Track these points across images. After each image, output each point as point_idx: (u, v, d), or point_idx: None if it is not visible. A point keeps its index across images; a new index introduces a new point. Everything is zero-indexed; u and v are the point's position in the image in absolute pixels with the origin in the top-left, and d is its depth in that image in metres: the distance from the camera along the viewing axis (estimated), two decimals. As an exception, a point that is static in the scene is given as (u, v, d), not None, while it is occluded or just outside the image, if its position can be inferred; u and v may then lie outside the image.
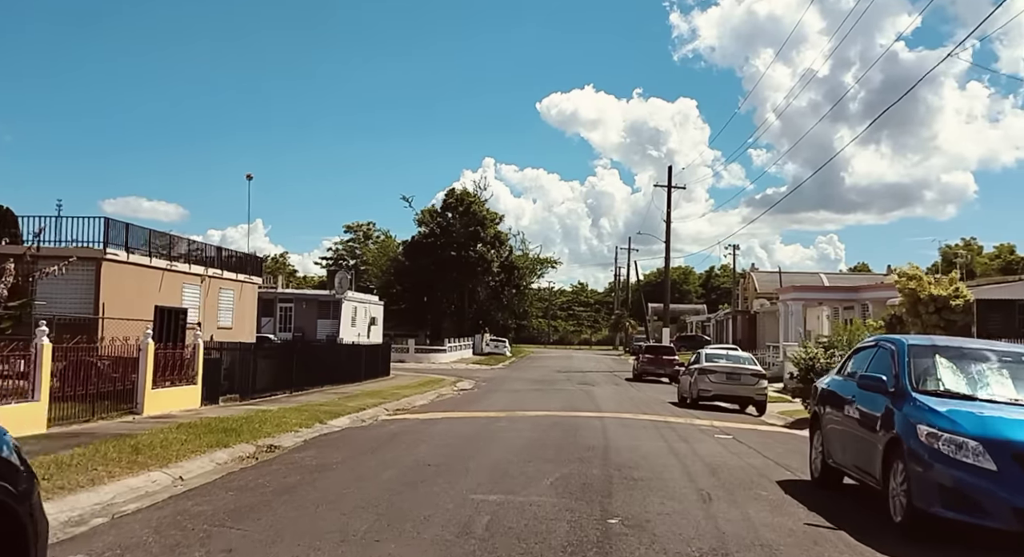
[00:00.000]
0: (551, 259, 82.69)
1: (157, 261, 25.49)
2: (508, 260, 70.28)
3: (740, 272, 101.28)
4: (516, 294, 72.59)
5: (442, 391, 27.23)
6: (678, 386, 25.30)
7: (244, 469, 9.67)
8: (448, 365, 46.95)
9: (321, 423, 14.65)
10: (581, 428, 14.46)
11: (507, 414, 17.50)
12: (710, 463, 10.54)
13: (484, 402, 22.29)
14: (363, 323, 55.46)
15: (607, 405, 21.69)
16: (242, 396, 18.80)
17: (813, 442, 9.13)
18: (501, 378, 37.98)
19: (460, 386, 30.92)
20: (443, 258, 64.98)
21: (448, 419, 16.55)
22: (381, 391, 24.19)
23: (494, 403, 21.82)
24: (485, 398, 24.27)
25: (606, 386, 33.56)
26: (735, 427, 16.59)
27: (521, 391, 28.11)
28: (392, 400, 21.34)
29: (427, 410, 19.16)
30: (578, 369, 47.55)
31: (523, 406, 20.37)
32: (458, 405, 21.14)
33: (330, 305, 51.11)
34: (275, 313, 51.08)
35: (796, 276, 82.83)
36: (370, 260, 77.06)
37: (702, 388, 21.68)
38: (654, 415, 18.39)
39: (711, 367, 21.82)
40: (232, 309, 31.05)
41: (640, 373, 37.91)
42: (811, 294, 37.82)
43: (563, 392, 28.01)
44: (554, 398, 24.43)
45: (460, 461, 10.10)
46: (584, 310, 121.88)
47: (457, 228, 66.92)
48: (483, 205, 70.24)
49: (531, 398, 24.31)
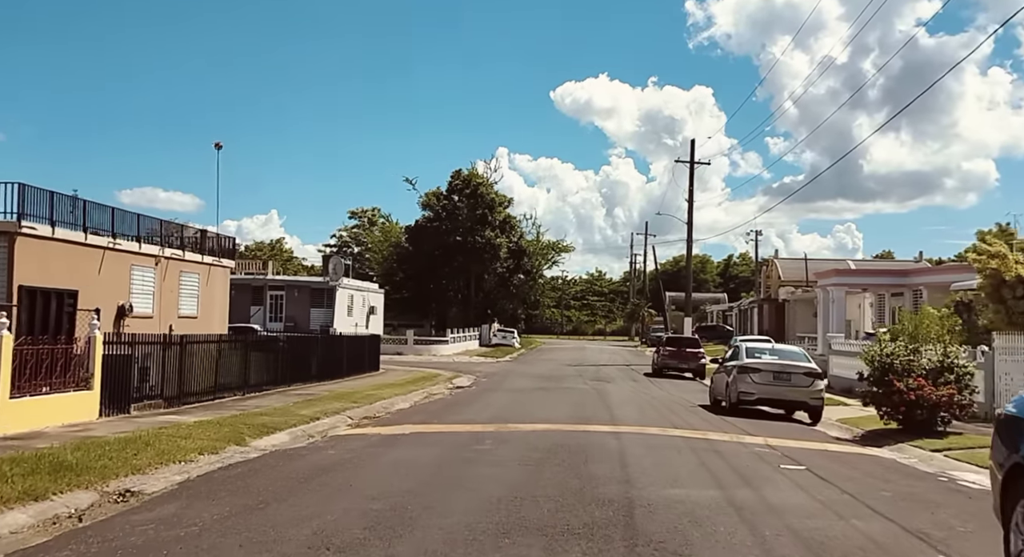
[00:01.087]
0: (563, 244, 78.59)
1: (96, 238, 21.63)
2: (518, 245, 66.20)
3: (762, 260, 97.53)
4: (526, 281, 68.51)
5: (432, 390, 23.35)
6: (710, 386, 21.27)
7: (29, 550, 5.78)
8: (449, 358, 43.11)
9: (239, 445, 10.77)
10: (592, 456, 10.46)
11: (496, 428, 13.55)
12: (803, 535, 6.49)
13: (475, 407, 18.36)
14: (361, 312, 51.67)
15: (626, 412, 17.70)
16: (169, 402, 14.97)
17: (1015, 523, 5.07)
18: (505, 373, 34.07)
19: (456, 383, 27.07)
20: (448, 243, 61.00)
21: (417, 436, 12.63)
22: (356, 392, 20.31)
23: (486, 408, 17.90)
24: (478, 401, 20.35)
25: (622, 383, 29.57)
26: (798, 448, 12.55)
27: (523, 391, 24.17)
28: (363, 404, 17.48)
29: (399, 420, 15.24)
30: (591, 362, 43.56)
31: (520, 414, 16.45)
32: (442, 412, 17.22)
33: (324, 293, 47.34)
34: (265, 301, 47.41)
35: (823, 263, 78.67)
36: (372, 246, 73.20)
37: (743, 390, 17.64)
38: (688, 429, 14.35)
39: (754, 364, 17.76)
40: (197, 296, 27.23)
41: (661, 367, 33.89)
42: (855, 279, 33.61)
43: (572, 392, 24.05)
44: (560, 401, 20.47)
45: (391, 533, 6.17)
46: (598, 300, 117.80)
47: (464, 211, 62.89)
48: (492, 188, 66.18)
49: (533, 401, 20.38)
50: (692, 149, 44.49)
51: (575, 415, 16.53)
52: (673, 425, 14.96)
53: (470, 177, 65.09)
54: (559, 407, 18.58)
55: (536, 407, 18.60)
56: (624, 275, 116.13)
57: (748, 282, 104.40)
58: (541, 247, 75.31)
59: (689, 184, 44.26)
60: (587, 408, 18.64)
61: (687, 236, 43.58)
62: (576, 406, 19.01)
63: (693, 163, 44.25)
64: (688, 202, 44.35)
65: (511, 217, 67.12)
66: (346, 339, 28.26)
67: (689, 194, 44.15)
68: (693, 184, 44.01)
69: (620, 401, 21.17)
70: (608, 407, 18.83)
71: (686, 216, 44.65)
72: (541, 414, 16.59)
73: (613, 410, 18.05)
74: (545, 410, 17.67)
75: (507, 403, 19.66)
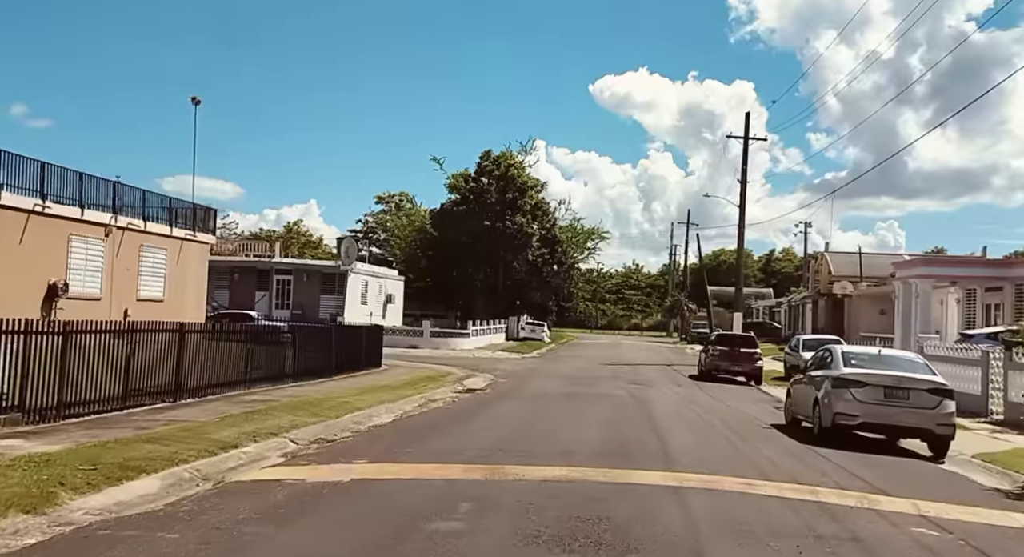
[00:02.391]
0: (600, 231, 73.62)
1: (15, 198, 17.46)
2: (551, 232, 61.46)
3: (810, 254, 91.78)
4: (559, 272, 63.73)
5: (433, 395, 18.87)
6: (787, 401, 16.46)
7: None
8: (469, 353, 38.64)
9: (38, 510, 6.33)
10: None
11: (486, 474, 8.92)
12: None
13: (473, 426, 13.80)
14: (376, 301, 47.47)
15: (680, 440, 12.99)
16: (36, 417, 10.63)
17: None
18: (527, 373, 29.50)
19: (467, 385, 22.61)
20: (476, 228, 56.38)
21: (353, 490, 8.10)
22: (327, 399, 15.88)
23: (487, 429, 13.34)
24: (482, 414, 15.79)
25: (665, 389, 24.85)
26: (975, 522, 7.76)
27: (545, 398, 19.59)
28: (326, 418, 13.05)
29: (354, 450, 10.71)
30: (627, 361, 38.79)
31: (530, 442, 11.87)
32: (426, 433, 12.68)
33: (335, 278, 43.16)
34: (271, 287, 43.42)
35: (879, 258, 72.97)
36: (395, 231, 68.95)
37: (842, 411, 12.85)
38: (784, 481, 9.47)
39: (858, 376, 12.95)
40: (164, 275, 23.06)
41: (709, 369, 29.07)
42: (945, 270, 28.39)
43: (605, 401, 19.41)
44: (590, 417, 15.84)
45: None
46: (634, 294, 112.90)
47: (493, 195, 58.28)
48: (524, 170, 61.43)
49: (554, 416, 15.80)
50: (747, 123, 39.44)
51: (609, 444, 11.90)
52: (756, 468, 10.22)
53: (500, 158, 60.45)
54: (587, 428, 13.95)
55: (557, 426, 14.03)
56: (662, 269, 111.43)
57: (791, 278, 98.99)
58: (576, 235, 70.51)
59: (743, 162, 39.26)
60: (625, 429, 14.01)
61: (739, 220, 38.61)
62: (610, 426, 14.39)
63: (747, 139, 39.21)
64: (741, 183, 39.35)
65: (544, 202, 62.41)
66: (336, 329, 23.90)
67: (742, 173, 39.17)
68: (747, 162, 39.03)
69: (668, 417, 16.47)
70: (655, 429, 14.12)
71: (731, 204, 39.63)
72: (561, 441, 11.99)
73: (662, 435, 13.36)
74: (567, 433, 13.07)
75: (519, 419, 15.10)
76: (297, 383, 19.20)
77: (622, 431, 13.63)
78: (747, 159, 38.88)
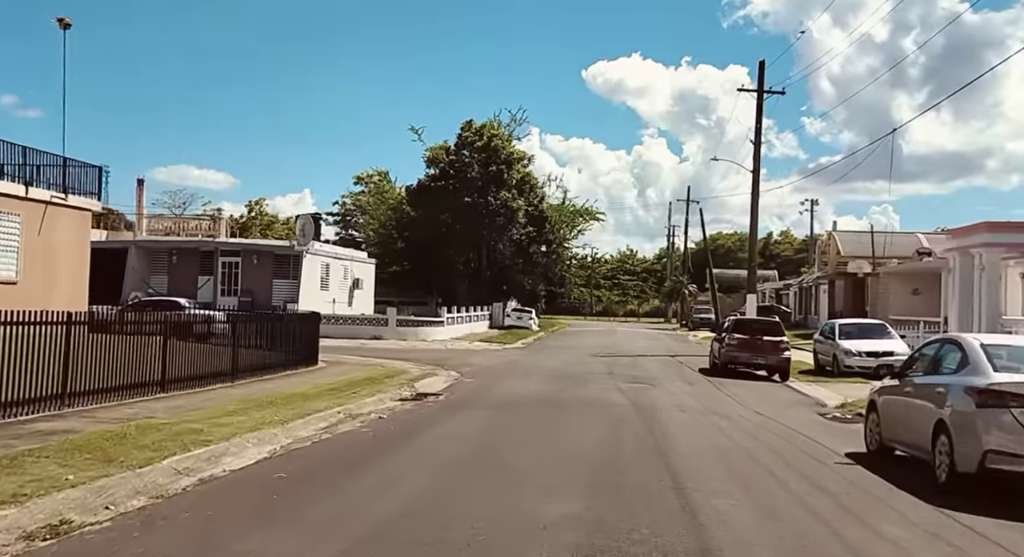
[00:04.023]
0: (593, 210, 68.13)
1: None
2: (539, 209, 55.91)
3: (815, 235, 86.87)
4: (549, 253, 58.22)
5: (359, 409, 13.55)
6: (869, 416, 11.03)
7: None
8: (442, 344, 33.26)
9: None
10: None
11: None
12: None
13: (374, 479, 8.37)
14: (340, 286, 41.96)
15: (728, 511, 7.48)
16: None
17: None
18: (505, 368, 24.17)
19: (419, 388, 17.40)
20: (456, 206, 50.75)
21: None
22: (169, 425, 10.45)
23: (394, 486, 7.93)
24: (405, 448, 10.26)
25: (674, 388, 19.57)
26: None
27: (515, 409, 14.24)
28: (121, 471, 7.65)
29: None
30: (625, 351, 33.44)
31: (457, 521, 6.38)
32: (275, 504, 7.27)
33: (289, 260, 37.67)
34: (216, 270, 37.85)
35: (889, 236, 67.77)
36: (368, 210, 63.32)
37: (999, 449, 7.50)
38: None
39: (1017, 387, 7.61)
40: (16, 250, 17.55)
41: (725, 362, 23.73)
42: (1017, 237, 22.75)
43: (596, 413, 14.05)
44: (571, 448, 10.42)
45: None
46: (630, 279, 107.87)
47: (475, 168, 52.68)
48: (509, 141, 55.80)
49: (515, 450, 10.33)
50: (760, 73, 33.89)
51: (605, 526, 6.43)
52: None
53: (483, 129, 54.79)
54: (565, 476, 8.51)
55: (516, 472, 8.61)
56: (659, 252, 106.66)
57: (791, 261, 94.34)
58: (567, 213, 65.01)
59: (756, 119, 33.75)
60: (628, 475, 8.61)
61: (752, 184, 33.10)
62: (604, 471, 8.96)
63: (761, 91, 33.70)
64: (755, 144, 33.84)
65: (530, 177, 56.79)
66: (249, 318, 18.37)
67: (756, 131, 33.64)
68: (762, 119, 33.54)
69: (689, 444, 11.07)
70: (675, 477, 8.60)
71: (743, 170, 34.21)
72: (514, 518, 6.59)
73: (685, 487, 7.95)
74: (529, 492, 7.63)
75: (460, 457, 9.69)
76: (169, 393, 13.79)
77: (622, 483, 8.24)
78: (761, 114, 33.45)
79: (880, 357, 22.53)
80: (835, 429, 14.00)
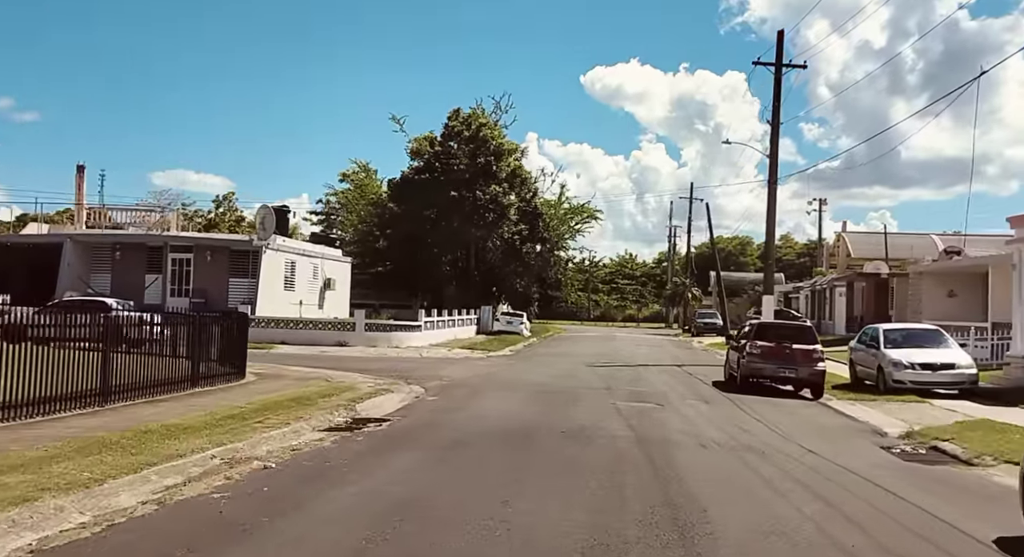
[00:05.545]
0: (591, 209, 63.99)
1: None
2: (531, 205, 51.80)
3: (816, 239, 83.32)
4: (543, 252, 54.06)
5: (254, 450, 9.63)
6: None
7: None
8: (417, 352, 29.11)
9: None
10: None
11: None
12: None
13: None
14: (309, 286, 37.85)
15: None
16: None
17: None
18: (482, 382, 20.08)
19: (361, 412, 13.65)
20: (442, 201, 46.65)
21: None
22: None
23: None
24: (255, 542, 6.12)
25: (687, 409, 15.53)
26: None
27: (472, 449, 10.22)
28: None
29: None
30: (624, 360, 29.30)
31: None
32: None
33: (248, 257, 33.56)
34: (165, 268, 33.72)
35: (901, 238, 63.95)
36: (347, 205, 59.02)
37: None
38: None
39: None
40: None
41: (747, 374, 19.60)
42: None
43: (585, 456, 9.97)
44: (533, 537, 6.26)
45: None
46: (629, 283, 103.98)
47: (462, 160, 48.56)
48: (499, 131, 51.63)
49: (453, 530, 6.15)
50: (779, 44, 29.86)
51: None
52: None
53: (471, 118, 50.69)
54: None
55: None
56: (659, 257, 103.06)
57: (793, 265, 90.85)
58: (562, 212, 60.87)
59: (774, 97, 29.65)
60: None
61: (769, 169, 29.01)
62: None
63: (780, 65, 29.66)
64: (772, 124, 29.80)
65: (523, 170, 52.61)
66: (112, 321, 14.03)
67: (774, 110, 29.54)
68: (780, 95, 29.47)
69: (728, 512, 6.98)
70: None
71: (758, 152, 30.22)
72: None
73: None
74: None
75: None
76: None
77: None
78: (780, 91, 29.39)
79: (938, 371, 18.54)
80: (920, 476, 10.04)
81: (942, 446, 12.17)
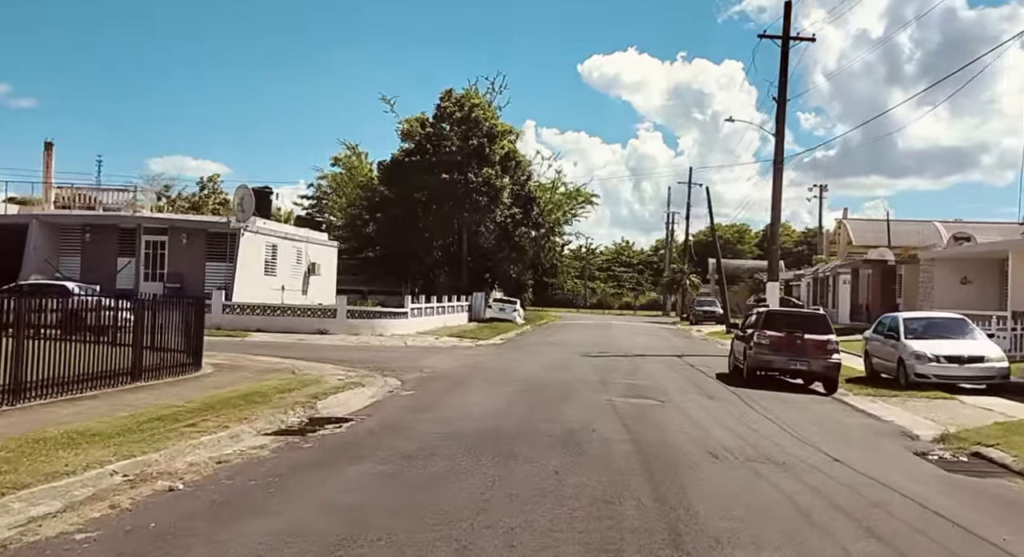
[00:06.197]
0: (587, 193, 62.19)
1: None
2: (525, 189, 49.99)
3: (815, 227, 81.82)
4: (537, 237, 52.27)
5: (173, 462, 8.01)
6: None
7: None
8: (402, 340, 27.42)
9: None
10: None
11: None
12: None
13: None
14: (292, 270, 36.11)
15: None
16: None
17: None
18: (466, 373, 18.42)
19: (322, 410, 12.05)
20: (433, 184, 44.80)
21: None
22: None
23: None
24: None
25: (690, 406, 13.87)
26: None
27: (439, 460, 8.43)
28: None
29: None
30: (621, 350, 27.63)
31: None
32: None
33: (226, 239, 31.79)
34: (138, 251, 31.94)
35: (905, 224, 62.25)
36: (334, 188, 57.07)
37: None
38: None
39: None
40: None
41: (755, 366, 17.89)
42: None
43: (573, 471, 8.18)
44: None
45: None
46: (626, 271, 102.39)
47: (454, 142, 46.71)
48: (492, 112, 49.74)
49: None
50: (787, 15, 28.00)
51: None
52: None
53: (464, 98, 48.79)
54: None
55: None
56: (656, 244, 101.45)
57: (791, 253, 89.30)
58: (558, 196, 59.01)
59: (781, 72, 27.85)
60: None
61: (775, 148, 27.27)
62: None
63: (787, 38, 27.86)
64: (778, 101, 27.99)
65: (517, 153, 50.72)
66: (30, 302, 12.22)
67: (780, 86, 27.71)
68: (787, 70, 27.69)
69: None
70: None
71: (763, 131, 28.47)
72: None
73: None
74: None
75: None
76: None
77: None
78: (787, 65, 27.61)
79: (965, 364, 16.88)
80: (974, 494, 8.41)
81: (987, 453, 10.54)
